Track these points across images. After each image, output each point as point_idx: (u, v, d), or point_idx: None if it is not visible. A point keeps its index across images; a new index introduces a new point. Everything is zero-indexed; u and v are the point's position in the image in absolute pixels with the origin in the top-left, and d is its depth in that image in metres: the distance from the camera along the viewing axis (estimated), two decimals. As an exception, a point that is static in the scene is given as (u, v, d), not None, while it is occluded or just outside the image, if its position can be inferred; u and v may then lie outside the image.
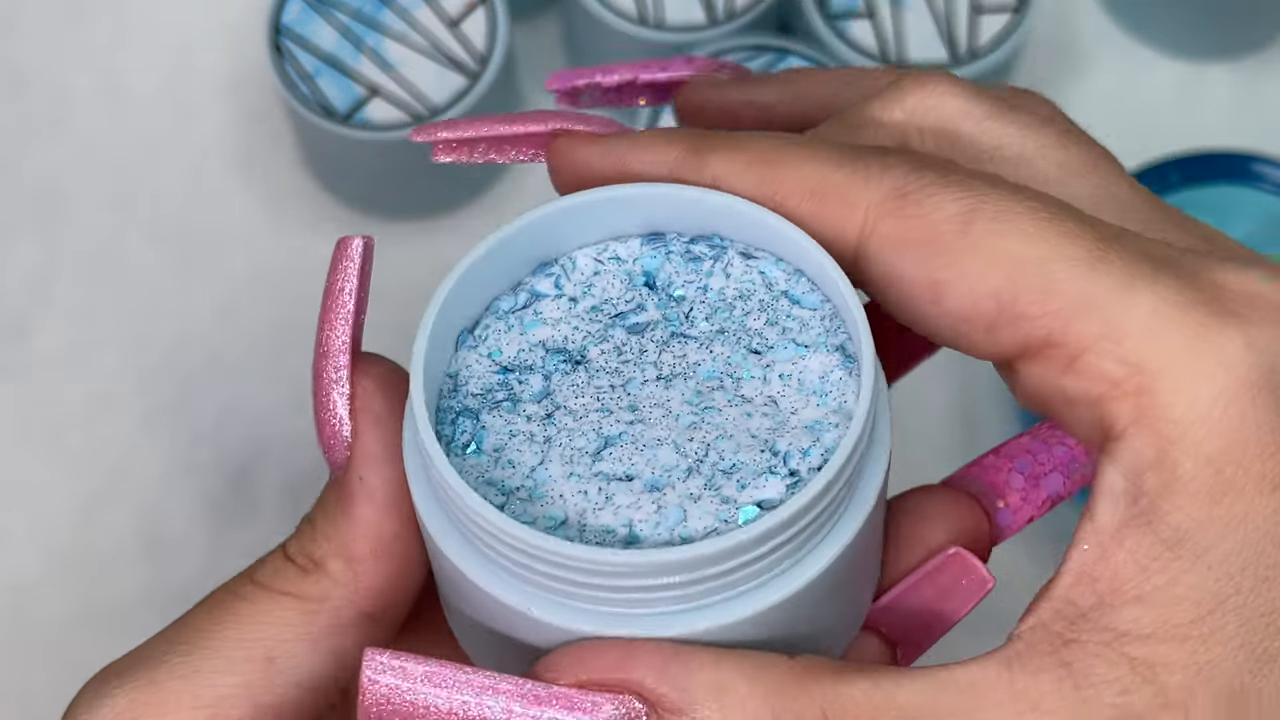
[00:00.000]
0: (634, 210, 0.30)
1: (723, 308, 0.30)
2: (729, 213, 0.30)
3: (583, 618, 0.27)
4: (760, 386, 0.29)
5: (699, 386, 0.29)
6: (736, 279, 0.30)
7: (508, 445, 0.29)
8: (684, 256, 0.31)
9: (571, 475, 0.28)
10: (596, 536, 0.27)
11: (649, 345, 0.30)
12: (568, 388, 0.29)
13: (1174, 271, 0.26)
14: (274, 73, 0.55)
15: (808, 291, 0.30)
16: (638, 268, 0.31)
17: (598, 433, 0.29)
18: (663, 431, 0.28)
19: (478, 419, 0.29)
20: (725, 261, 0.30)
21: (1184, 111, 0.62)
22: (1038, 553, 0.56)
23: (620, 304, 0.30)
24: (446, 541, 0.28)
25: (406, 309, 0.62)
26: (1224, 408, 0.25)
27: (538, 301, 0.31)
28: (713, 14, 0.56)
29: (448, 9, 0.56)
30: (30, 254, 0.59)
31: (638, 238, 0.31)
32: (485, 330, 0.30)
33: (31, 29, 0.63)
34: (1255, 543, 0.25)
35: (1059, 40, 0.63)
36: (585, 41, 0.59)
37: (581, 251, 0.31)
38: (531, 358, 0.30)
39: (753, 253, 0.30)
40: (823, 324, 0.30)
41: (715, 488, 0.28)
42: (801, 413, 0.29)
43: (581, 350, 0.30)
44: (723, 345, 0.30)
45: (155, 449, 0.56)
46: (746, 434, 0.28)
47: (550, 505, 0.28)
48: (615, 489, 0.28)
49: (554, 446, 0.28)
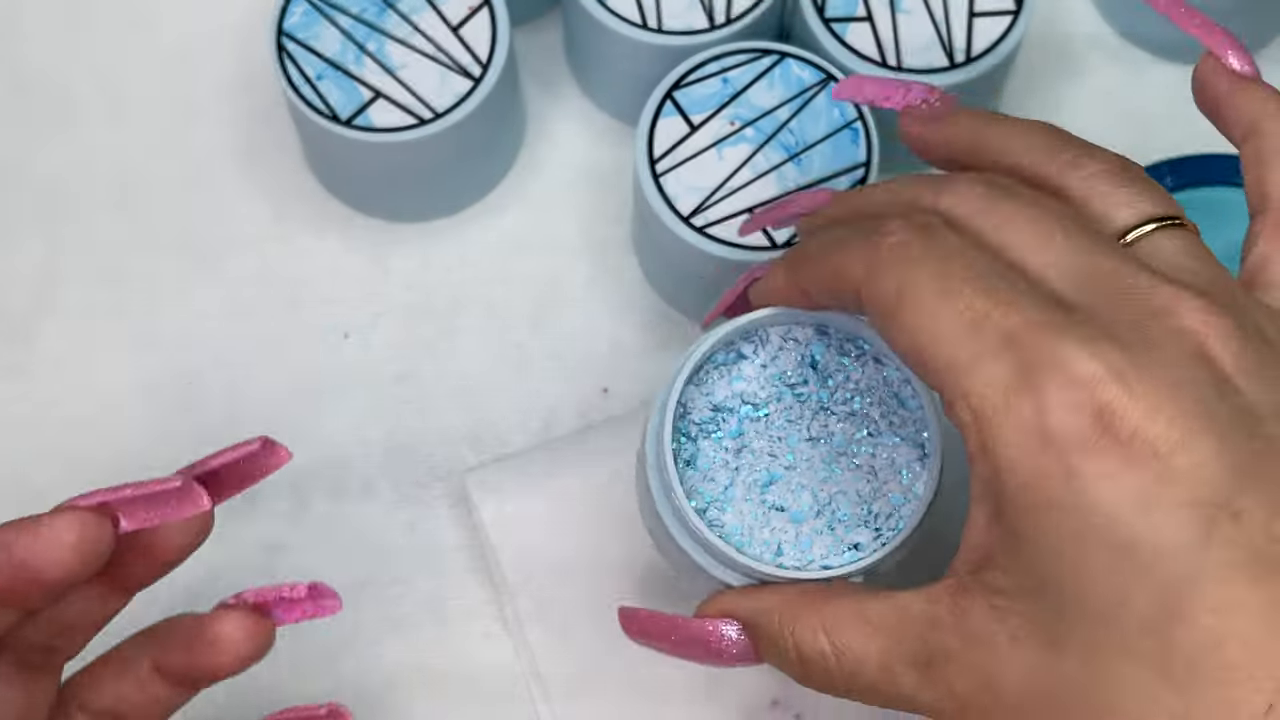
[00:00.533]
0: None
1: (856, 396, 0.43)
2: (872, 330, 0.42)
3: (731, 578, 0.42)
4: (869, 460, 0.43)
5: (832, 450, 0.43)
6: (869, 376, 0.43)
7: (712, 468, 0.43)
8: (839, 350, 0.43)
9: (747, 499, 0.42)
10: (757, 547, 0.42)
11: (805, 412, 0.43)
12: (752, 431, 0.43)
13: None
14: (278, 76, 0.55)
15: (911, 397, 0.43)
16: (808, 351, 0.43)
17: (767, 471, 0.43)
18: (806, 479, 0.42)
19: (695, 443, 0.43)
20: (864, 361, 0.43)
21: (1178, 114, 0.63)
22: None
23: (792, 376, 0.43)
24: (670, 521, 0.43)
25: (408, 308, 0.62)
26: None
27: (740, 362, 0.43)
28: (712, 18, 0.56)
29: (449, 13, 0.56)
30: (34, 255, 0.60)
31: (811, 327, 0.43)
32: (705, 375, 0.43)
33: (35, 30, 0.63)
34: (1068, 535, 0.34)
35: (1055, 43, 0.64)
36: (586, 45, 0.60)
37: (774, 329, 0.43)
38: (732, 403, 0.43)
39: (883, 359, 0.43)
40: (914, 425, 0.43)
41: (831, 529, 0.42)
42: (889, 484, 0.42)
43: (764, 404, 0.43)
44: (851, 425, 0.43)
45: (159, 449, 0.57)
46: (855, 493, 0.42)
47: (732, 518, 0.42)
48: (772, 515, 0.42)
49: (739, 475, 0.43)
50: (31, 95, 0.62)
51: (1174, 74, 0.63)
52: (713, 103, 0.55)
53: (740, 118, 0.54)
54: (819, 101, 0.55)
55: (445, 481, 0.57)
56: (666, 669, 0.54)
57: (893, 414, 0.43)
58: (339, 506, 0.57)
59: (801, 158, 0.54)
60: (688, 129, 0.54)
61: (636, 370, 0.59)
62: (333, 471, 0.57)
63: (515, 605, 0.55)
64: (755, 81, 0.55)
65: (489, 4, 0.56)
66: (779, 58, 0.55)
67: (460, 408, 0.58)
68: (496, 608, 0.56)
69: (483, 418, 0.58)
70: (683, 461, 0.42)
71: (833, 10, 0.56)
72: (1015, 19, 0.56)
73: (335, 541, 0.56)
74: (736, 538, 0.42)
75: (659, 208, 0.53)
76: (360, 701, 0.55)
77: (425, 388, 0.58)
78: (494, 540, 0.55)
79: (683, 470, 0.42)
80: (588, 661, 0.54)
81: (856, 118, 0.54)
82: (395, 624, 0.56)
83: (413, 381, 0.58)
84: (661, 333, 0.59)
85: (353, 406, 0.58)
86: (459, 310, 0.59)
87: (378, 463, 0.57)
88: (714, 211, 0.53)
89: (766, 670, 0.54)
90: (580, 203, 0.61)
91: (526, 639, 0.54)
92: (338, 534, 0.56)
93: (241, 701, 0.55)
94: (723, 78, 0.55)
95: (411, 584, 0.56)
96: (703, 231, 0.53)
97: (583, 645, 0.54)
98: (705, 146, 0.54)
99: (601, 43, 0.57)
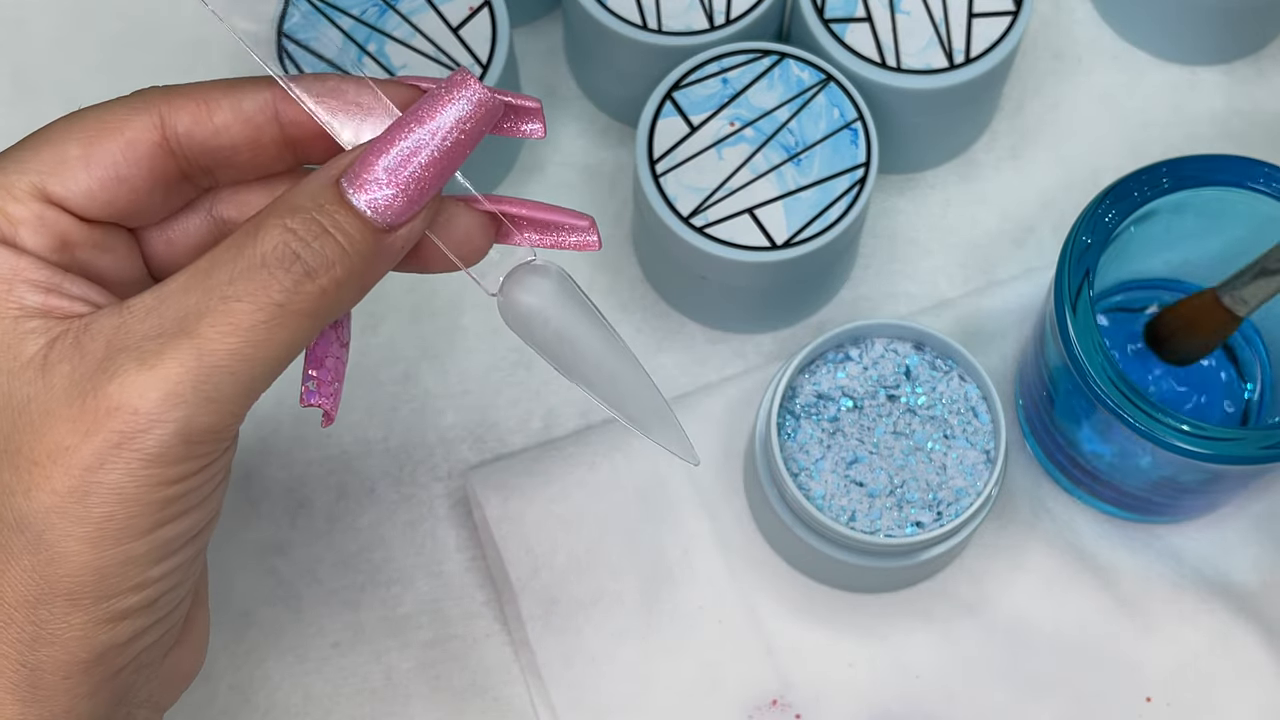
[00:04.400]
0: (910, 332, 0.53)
1: (939, 404, 0.52)
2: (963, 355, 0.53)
3: (812, 538, 0.52)
4: (941, 457, 0.52)
5: (910, 444, 0.52)
6: (953, 389, 0.53)
7: (808, 442, 0.52)
8: (930, 365, 0.53)
9: (833, 472, 0.52)
10: (835, 511, 0.51)
11: (894, 410, 0.52)
12: (846, 418, 0.52)
13: None
14: (279, 77, 0.55)
15: (985, 412, 0.52)
16: (904, 362, 0.53)
17: (852, 452, 0.52)
18: (883, 464, 0.52)
19: (798, 420, 0.52)
20: (950, 376, 0.53)
21: (1177, 115, 0.63)
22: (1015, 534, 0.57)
23: (888, 380, 0.53)
24: (766, 483, 0.53)
25: (409, 309, 0.62)
26: None
27: (847, 361, 0.53)
28: (712, 18, 0.56)
29: (450, 14, 0.56)
30: (36, 256, 0.60)
31: (910, 342, 0.53)
32: (816, 367, 0.53)
33: (38, 34, 0.63)
34: None
35: (1054, 44, 0.64)
36: (586, 45, 0.60)
37: (880, 340, 0.53)
38: (834, 393, 0.53)
39: (966, 377, 0.53)
40: (984, 435, 0.52)
41: (899, 507, 0.52)
42: (954, 480, 0.52)
43: (860, 399, 0.53)
44: (931, 426, 0.52)
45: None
46: (924, 481, 0.52)
47: (817, 485, 0.52)
48: (851, 488, 0.52)
49: (829, 451, 0.52)
50: (34, 97, 0.62)
51: (1173, 74, 0.63)
52: (712, 103, 0.55)
53: (740, 118, 0.55)
54: (818, 102, 0.55)
55: (445, 481, 0.57)
56: (667, 668, 0.54)
57: (967, 424, 0.52)
58: (339, 506, 0.57)
59: (801, 158, 0.54)
60: (688, 129, 0.54)
61: (636, 370, 0.59)
62: (333, 472, 0.57)
63: (517, 604, 0.55)
64: (755, 82, 0.55)
65: (489, 5, 0.56)
66: (778, 58, 0.55)
67: (460, 408, 0.58)
68: (496, 608, 0.56)
69: (483, 418, 0.58)
70: (785, 434, 0.52)
71: (832, 11, 0.57)
72: (1015, 19, 0.56)
73: (335, 541, 0.56)
74: (818, 501, 0.51)
75: (659, 208, 0.54)
76: (360, 701, 0.55)
77: (425, 388, 0.58)
78: (496, 539, 0.55)
79: (784, 442, 0.52)
80: (588, 661, 0.54)
81: (856, 118, 0.55)
82: (395, 624, 0.56)
83: (413, 381, 0.58)
84: (661, 333, 0.59)
85: (353, 406, 0.58)
86: (459, 310, 0.59)
87: (378, 463, 0.57)
88: (714, 211, 0.53)
89: (768, 669, 0.54)
90: (580, 203, 0.61)
91: (527, 639, 0.54)
92: (338, 534, 0.57)
93: (245, 697, 0.55)
94: (722, 78, 0.55)
95: (411, 584, 0.56)
96: (703, 231, 0.53)
97: (583, 645, 0.54)
98: (705, 147, 0.54)
99: (601, 43, 0.57)
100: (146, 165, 0.39)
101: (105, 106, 0.39)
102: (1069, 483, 0.56)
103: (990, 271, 0.60)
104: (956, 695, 0.54)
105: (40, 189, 0.38)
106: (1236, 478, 0.52)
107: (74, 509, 0.36)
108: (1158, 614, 0.55)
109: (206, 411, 0.36)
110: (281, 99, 0.40)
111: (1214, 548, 0.56)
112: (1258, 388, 0.55)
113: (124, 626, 0.37)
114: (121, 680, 0.38)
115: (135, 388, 0.35)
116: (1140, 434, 0.48)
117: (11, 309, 0.37)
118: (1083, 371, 0.49)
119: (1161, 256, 0.54)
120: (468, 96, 0.38)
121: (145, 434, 0.35)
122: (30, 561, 0.36)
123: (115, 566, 0.36)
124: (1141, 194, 0.50)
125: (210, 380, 0.36)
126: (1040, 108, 0.63)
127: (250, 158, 0.40)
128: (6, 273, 0.37)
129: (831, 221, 0.53)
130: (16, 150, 0.39)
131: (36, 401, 0.36)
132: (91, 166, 0.38)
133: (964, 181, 0.62)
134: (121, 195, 0.39)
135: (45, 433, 0.36)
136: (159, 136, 0.39)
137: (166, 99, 0.39)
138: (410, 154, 0.37)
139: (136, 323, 0.36)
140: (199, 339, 0.36)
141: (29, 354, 0.36)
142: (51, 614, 0.36)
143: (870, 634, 0.55)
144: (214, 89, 0.39)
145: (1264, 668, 0.54)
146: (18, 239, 0.38)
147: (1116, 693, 0.54)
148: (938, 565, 0.54)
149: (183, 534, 0.38)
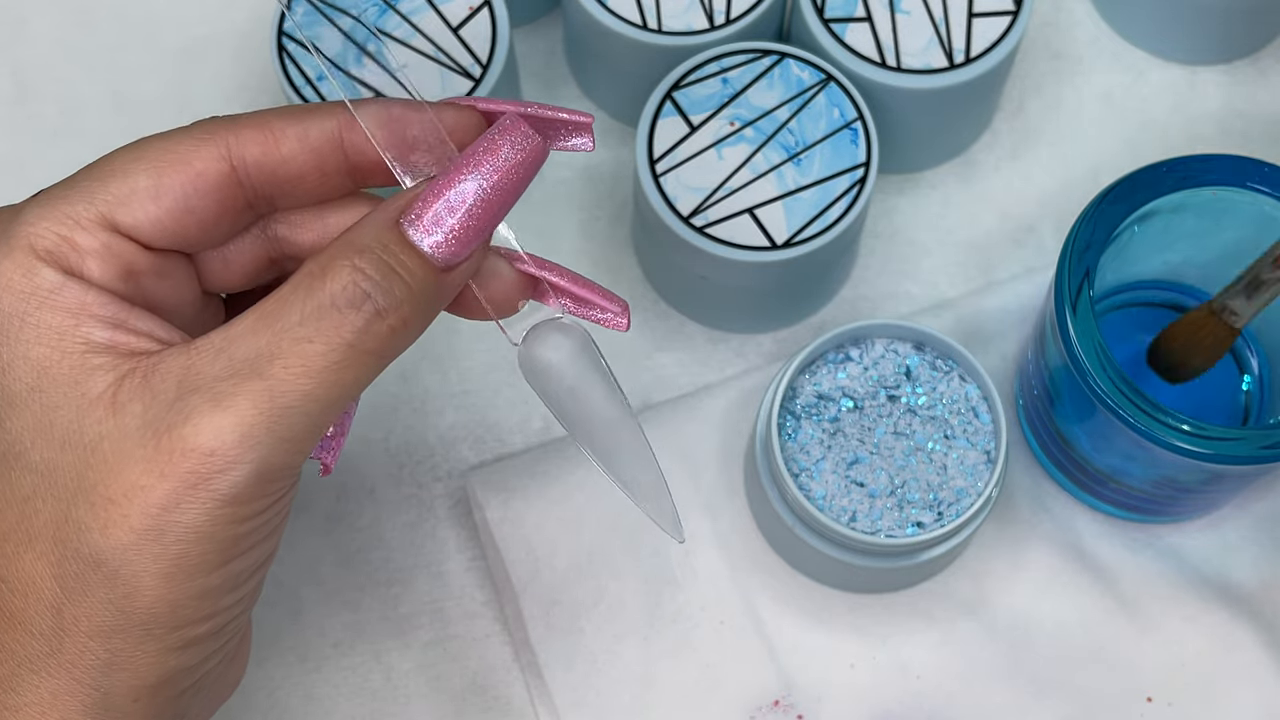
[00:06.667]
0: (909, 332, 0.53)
1: (939, 404, 0.52)
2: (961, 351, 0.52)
3: (812, 538, 0.52)
4: (941, 458, 0.52)
5: (911, 445, 0.52)
6: (953, 389, 0.53)
7: (809, 443, 0.52)
8: (930, 366, 0.53)
9: (834, 472, 0.52)
10: (835, 512, 0.51)
11: (895, 410, 0.52)
12: (847, 419, 0.52)
13: None
14: (279, 77, 0.55)
15: (985, 412, 0.52)
16: (905, 362, 0.53)
17: (853, 452, 0.52)
18: (884, 464, 0.52)
19: (799, 421, 0.52)
20: (951, 376, 0.53)
21: (1177, 115, 0.63)
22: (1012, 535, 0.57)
23: (888, 380, 0.53)
24: (767, 483, 0.52)
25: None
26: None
27: (847, 362, 0.53)
28: (712, 18, 0.56)
29: (450, 14, 0.56)
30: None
31: (911, 342, 0.53)
32: (816, 368, 0.53)
33: (39, 33, 0.63)
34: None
35: (1054, 44, 0.64)
36: (586, 45, 0.60)
37: (880, 340, 0.53)
38: (834, 394, 0.53)
39: (966, 377, 0.53)
40: (985, 436, 0.52)
41: (900, 507, 0.51)
42: (955, 481, 0.52)
43: (861, 399, 0.52)
44: (931, 427, 0.52)
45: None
46: (925, 482, 0.52)
47: (818, 485, 0.52)
48: (852, 488, 0.52)
49: (830, 451, 0.52)
50: (35, 97, 0.62)
51: (1173, 74, 0.63)
52: (712, 103, 0.55)
53: (740, 118, 0.55)
54: (818, 102, 0.55)
55: (445, 481, 0.57)
56: (668, 669, 0.54)
57: (968, 424, 0.52)
58: (339, 506, 0.57)
59: (801, 158, 0.54)
60: (687, 129, 0.54)
61: (636, 370, 0.59)
62: (334, 472, 0.57)
63: (518, 606, 0.55)
64: (755, 82, 0.55)
65: (489, 5, 0.56)
66: (778, 58, 0.55)
67: (460, 408, 0.58)
68: (496, 608, 0.56)
69: (483, 418, 0.58)
70: (786, 435, 0.52)
71: (832, 11, 0.57)
72: (1015, 19, 0.56)
73: (335, 541, 0.56)
74: (819, 501, 0.51)
75: (659, 208, 0.54)
76: (360, 701, 0.55)
77: (425, 388, 0.58)
78: (497, 541, 0.55)
79: (784, 442, 0.52)
80: (588, 661, 0.54)
81: (856, 118, 0.55)
82: (395, 624, 0.56)
83: (413, 381, 0.58)
84: (661, 333, 0.59)
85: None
86: (459, 311, 0.59)
87: (378, 463, 0.57)
88: (714, 211, 0.53)
89: (769, 670, 0.54)
90: (580, 203, 0.61)
91: (528, 640, 0.54)
92: (338, 534, 0.57)
93: (245, 698, 0.55)
94: (722, 78, 0.55)
95: (411, 584, 0.56)
96: (703, 231, 0.53)
97: (585, 646, 0.54)
98: (705, 147, 0.54)
99: (601, 43, 0.57)
100: (215, 196, 0.39)
101: (170, 136, 0.39)
102: (1069, 483, 0.56)
103: (990, 271, 0.60)
104: (957, 695, 0.54)
105: (109, 219, 0.38)
106: (1236, 478, 0.52)
107: (150, 547, 0.36)
108: (1158, 614, 0.55)
109: (280, 451, 0.36)
110: (346, 127, 0.40)
111: (1214, 548, 0.56)
112: (1257, 387, 0.55)
113: (192, 652, 0.38)
114: (184, 700, 0.39)
115: (210, 429, 0.36)
116: (1140, 434, 0.48)
117: (79, 344, 0.37)
118: (1083, 371, 0.49)
119: (1161, 256, 0.54)
120: (520, 142, 0.39)
121: (221, 475, 0.36)
122: (107, 595, 0.37)
123: (189, 599, 0.37)
124: (1141, 194, 0.50)
125: (283, 421, 0.36)
126: (1040, 108, 0.63)
127: (315, 185, 0.40)
128: (74, 306, 0.37)
129: (831, 221, 0.53)
130: (81, 180, 0.39)
131: (109, 440, 0.36)
132: (161, 198, 0.39)
133: (964, 181, 0.62)
134: (190, 225, 0.39)
135: (120, 472, 0.36)
136: (227, 167, 0.39)
137: (233, 129, 0.39)
138: (466, 197, 0.38)
139: (206, 364, 0.36)
140: (271, 380, 0.36)
141: (97, 391, 0.37)
142: (125, 643, 0.37)
143: (871, 634, 0.55)
144: (278, 118, 0.40)
145: (1264, 668, 0.54)
146: (85, 270, 0.38)
147: (1116, 693, 0.54)
148: (938, 565, 0.54)
149: (252, 565, 0.38)
